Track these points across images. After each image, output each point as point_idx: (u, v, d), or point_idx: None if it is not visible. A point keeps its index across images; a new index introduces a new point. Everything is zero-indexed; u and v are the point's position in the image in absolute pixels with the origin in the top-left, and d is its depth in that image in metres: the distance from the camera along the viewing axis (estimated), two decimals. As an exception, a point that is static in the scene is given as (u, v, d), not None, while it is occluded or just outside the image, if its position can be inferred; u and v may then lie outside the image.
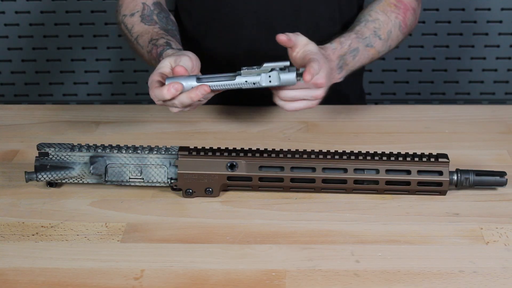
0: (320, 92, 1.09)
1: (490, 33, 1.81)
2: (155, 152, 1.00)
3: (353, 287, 0.83)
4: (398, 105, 1.31)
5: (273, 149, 1.00)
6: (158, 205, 0.99)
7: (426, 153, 1.00)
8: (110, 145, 1.00)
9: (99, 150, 1.00)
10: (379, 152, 1.00)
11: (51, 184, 1.02)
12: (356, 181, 0.99)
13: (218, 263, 0.87)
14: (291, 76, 1.04)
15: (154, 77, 1.05)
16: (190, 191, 1.00)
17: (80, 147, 1.00)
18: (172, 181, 1.00)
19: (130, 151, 1.00)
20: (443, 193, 1.00)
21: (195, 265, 0.87)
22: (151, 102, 1.24)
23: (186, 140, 1.17)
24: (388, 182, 0.99)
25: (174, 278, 0.85)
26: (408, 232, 0.93)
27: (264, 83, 1.05)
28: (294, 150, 1.00)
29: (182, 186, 0.99)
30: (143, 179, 1.00)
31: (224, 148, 1.00)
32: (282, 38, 1.08)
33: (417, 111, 1.29)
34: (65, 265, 0.87)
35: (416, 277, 0.84)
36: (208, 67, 1.37)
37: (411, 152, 1.00)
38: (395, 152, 1.00)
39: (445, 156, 0.99)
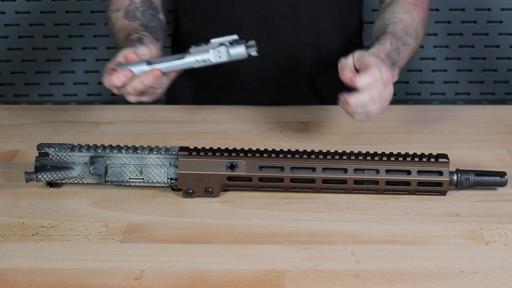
0: (392, 88, 1.05)
1: (490, 33, 1.81)
2: (155, 152, 1.00)
3: (353, 287, 0.83)
4: (398, 105, 1.31)
5: (273, 149, 1.00)
6: (158, 205, 0.99)
7: (426, 153, 1.00)
8: (110, 145, 1.00)
9: (99, 150, 1.00)
10: (379, 152, 1.00)
11: (51, 184, 1.02)
12: (356, 181, 0.99)
13: (218, 263, 0.87)
14: (240, 49, 1.03)
15: (109, 65, 1.05)
16: (190, 191, 1.00)
17: (80, 147, 1.00)
18: (172, 181, 1.00)
19: (130, 151, 1.00)
20: (443, 193, 1.00)
21: (195, 265, 0.87)
22: (151, 102, 1.24)
23: (186, 140, 1.17)
24: (388, 182, 0.99)
25: (174, 278, 0.85)
26: (408, 232, 0.93)
27: (214, 60, 1.04)
28: (294, 150, 1.00)
29: (182, 186, 0.99)
30: (143, 179, 1.00)
31: (224, 148, 1.00)
32: (347, 76, 1.04)
33: (417, 111, 1.28)
34: (65, 265, 0.87)
35: (416, 277, 0.84)
36: (207, 68, 1.37)
37: (411, 152, 1.00)
38: (395, 152, 1.00)
39: (445, 156, 0.99)
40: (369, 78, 1.02)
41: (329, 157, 0.99)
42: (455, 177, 1.00)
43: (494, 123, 1.23)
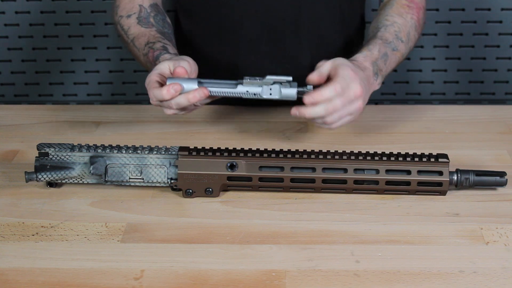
0: (359, 104, 1.07)
1: (490, 33, 1.81)
2: (155, 152, 1.00)
3: (353, 287, 0.83)
4: (398, 105, 1.31)
5: (273, 149, 1.00)
6: (158, 205, 0.99)
7: (426, 153, 1.00)
8: (110, 145, 1.00)
9: (99, 150, 1.00)
10: (379, 152, 1.00)
11: (51, 184, 1.02)
12: (356, 181, 0.99)
13: (218, 263, 0.87)
14: (292, 91, 1.05)
15: (153, 77, 1.05)
16: (190, 191, 1.00)
17: (80, 147, 1.00)
18: (172, 181, 1.00)
19: (130, 151, 1.00)
20: (443, 193, 1.00)
21: (195, 265, 0.87)
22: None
23: (186, 140, 1.17)
24: (388, 182, 0.99)
25: (174, 278, 0.85)
26: (408, 232, 0.93)
27: (265, 95, 1.06)
28: (294, 150, 1.00)
29: (182, 186, 0.99)
30: (143, 179, 1.00)
31: (224, 148, 1.00)
32: (313, 78, 1.07)
33: (417, 111, 1.28)
34: (65, 265, 0.87)
35: (416, 277, 0.84)
36: (208, 69, 1.37)
37: (411, 152, 1.00)
38: (395, 152, 1.00)
39: (445, 156, 0.99)
40: (329, 92, 1.03)
41: (329, 157, 0.99)
42: (455, 177, 1.00)
43: (494, 123, 1.23)
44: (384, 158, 0.99)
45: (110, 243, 0.91)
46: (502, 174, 1.01)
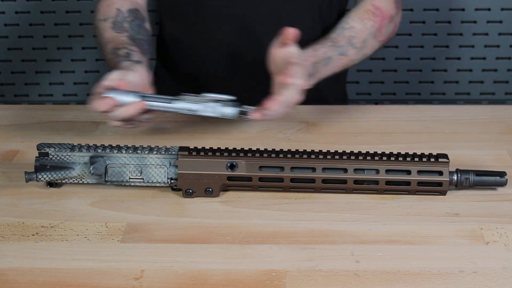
0: (300, 96, 1.08)
1: (490, 33, 1.81)
2: (155, 152, 1.00)
3: (353, 287, 0.83)
4: (398, 105, 1.31)
5: (273, 149, 1.00)
6: (158, 205, 0.99)
7: (426, 153, 1.00)
8: (110, 145, 1.00)
9: (99, 150, 1.00)
10: (379, 152, 1.00)
11: (51, 184, 1.02)
12: (356, 181, 0.99)
13: (218, 263, 0.87)
14: (232, 111, 1.07)
15: (97, 89, 1.06)
16: (190, 191, 1.00)
17: (80, 147, 1.00)
18: (172, 181, 1.00)
19: (130, 151, 1.00)
20: (443, 193, 1.00)
21: (195, 265, 0.87)
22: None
23: (186, 140, 1.17)
24: (388, 182, 0.99)
25: (174, 278, 0.85)
26: (408, 232, 0.93)
27: (203, 113, 1.06)
28: (294, 150, 1.00)
29: (182, 186, 0.99)
30: (143, 179, 1.00)
31: (224, 148, 1.00)
32: (292, 31, 1.08)
33: (417, 111, 1.28)
34: (65, 265, 0.87)
35: (416, 277, 0.84)
36: (191, 71, 1.37)
37: (411, 152, 1.00)
38: (395, 152, 1.00)
39: (445, 156, 0.99)
40: (276, 107, 1.06)
41: (329, 157, 0.99)
42: (455, 177, 1.00)
43: (494, 123, 1.23)
44: (384, 158, 0.99)
45: (110, 243, 0.91)
46: (502, 174, 1.01)
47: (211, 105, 1.06)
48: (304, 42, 1.21)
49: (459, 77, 1.86)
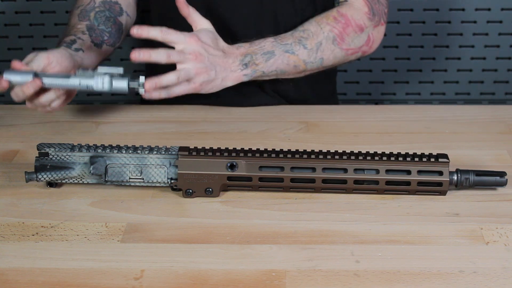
0: (191, 67, 1.12)
1: (490, 33, 1.81)
2: (155, 152, 1.00)
3: (353, 287, 0.83)
4: (398, 105, 1.31)
5: (273, 149, 1.00)
6: (158, 205, 0.99)
7: (426, 153, 1.00)
8: (110, 145, 1.00)
9: (99, 150, 1.00)
10: (379, 152, 1.00)
11: (51, 184, 1.02)
12: (356, 181, 0.99)
13: (218, 263, 0.87)
14: (123, 84, 1.08)
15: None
16: (190, 191, 1.00)
17: (80, 147, 1.00)
18: (172, 181, 1.00)
19: (130, 151, 1.00)
20: (443, 193, 1.00)
21: (195, 265, 0.87)
22: (151, 102, 1.24)
23: (186, 140, 1.17)
24: (388, 182, 0.99)
25: (174, 278, 0.85)
26: (408, 232, 0.93)
27: (96, 87, 1.08)
28: (294, 150, 1.00)
29: (182, 186, 0.99)
30: (143, 179, 1.00)
31: (224, 148, 1.00)
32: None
33: (417, 111, 1.29)
34: (65, 265, 0.87)
35: (416, 277, 0.84)
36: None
37: (411, 152, 1.00)
38: (395, 152, 1.00)
39: (445, 156, 0.99)
40: (170, 79, 1.12)
41: (329, 157, 0.99)
42: (455, 177, 1.00)
43: (494, 123, 1.23)
44: (384, 158, 0.99)
45: (110, 243, 0.91)
46: (502, 174, 1.01)
47: (104, 79, 1.08)
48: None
49: (459, 77, 1.86)
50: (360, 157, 0.99)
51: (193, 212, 0.98)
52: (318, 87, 1.42)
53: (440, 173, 0.99)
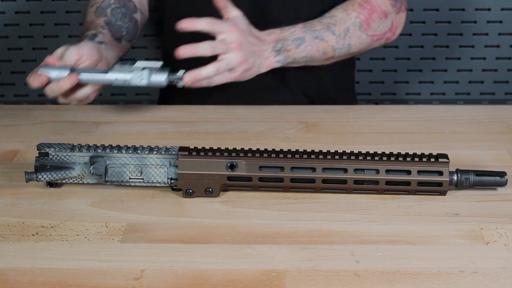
0: (234, 57, 1.12)
1: (490, 33, 1.81)
2: (155, 152, 1.00)
3: (353, 287, 0.83)
4: (398, 105, 1.31)
5: (273, 149, 1.00)
6: (158, 205, 0.99)
7: (426, 153, 1.00)
8: (110, 145, 1.00)
9: (99, 150, 1.00)
10: (379, 152, 1.00)
11: (51, 184, 1.02)
12: (356, 181, 0.99)
13: (218, 263, 0.87)
14: (161, 77, 1.08)
15: (41, 64, 1.10)
16: (190, 191, 1.00)
17: (80, 147, 1.00)
18: (172, 181, 1.00)
19: (130, 151, 1.00)
20: (443, 193, 1.00)
21: (195, 265, 0.87)
22: (151, 102, 1.24)
23: (186, 140, 1.17)
24: (388, 182, 0.99)
25: (174, 278, 0.85)
26: (408, 232, 0.93)
27: (135, 81, 1.07)
28: (294, 150, 1.00)
29: (182, 186, 0.99)
30: (143, 179, 1.00)
31: (224, 148, 1.00)
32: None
33: (417, 111, 1.29)
34: (65, 265, 0.87)
35: (416, 277, 0.84)
36: (187, 66, 1.36)
37: (411, 152, 1.00)
38: (395, 152, 1.00)
39: (445, 156, 0.99)
40: (210, 70, 1.11)
41: (329, 157, 0.99)
42: (455, 177, 1.00)
43: (494, 123, 1.23)
44: (384, 158, 0.99)
45: (110, 243, 0.91)
46: (502, 174, 1.01)
47: (143, 73, 1.07)
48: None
49: (459, 77, 1.86)
50: (360, 157, 0.99)
51: (193, 212, 0.98)
52: (339, 79, 1.43)
53: (440, 173, 0.99)
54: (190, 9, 1.34)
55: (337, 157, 0.99)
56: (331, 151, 1.00)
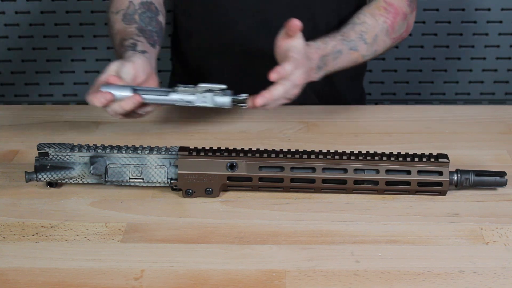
0: (297, 91, 1.09)
1: (490, 33, 1.81)
2: (155, 152, 1.00)
3: (353, 287, 0.83)
4: (398, 105, 1.31)
5: (273, 149, 1.00)
6: (158, 205, 0.99)
7: (426, 153, 1.00)
8: (110, 145, 1.00)
9: (99, 150, 1.00)
10: (379, 152, 1.00)
11: (51, 184, 1.02)
12: (356, 181, 0.99)
13: (218, 263, 0.87)
14: (226, 100, 1.06)
15: (96, 84, 1.07)
16: (190, 191, 1.00)
17: (80, 147, 1.00)
18: (172, 181, 1.00)
19: (130, 151, 1.00)
20: (443, 193, 1.00)
21: (195, 265, 0.87)
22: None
23: (186, 140, 1.17)
24: (388, 182, 0.99)
25: (174, 278, 0.85)
26: (408, 232, 0.93)
27: (198, 103, 1.06)
28: (294, 150, 1.00)
29: (182, 186, 0.99)
30: (143, 179, 1.00)
31: (224, 148, 1.00)
32: (296, 23, 1.08)
33: (417, 111, 1.28)
34: (65, 265, 0.87)
35: (416, 277, 0.84)
36: (206, 67, 1.37)
37: (411, 152, 1.00)
38: (395, 152, 1.00)
39: (445, 156, 0.99)
40: (279, 91, 1.06)
41: (329, 157, 0.99)
42: (455, 177, 1.00)
43: (494, 123, 1.23)
44: (384, 158, 0.99)
45: (110, 243, 0.91)
46: (502, 174, 1.01)
47: (206, 95, 1.06)
48: (320, 36, 1.22)
49: (459, 77, 1.87)
50: (360, 157, 0.99)
51: (193, 212, 0.98)
52: (352, 83, 1.43)
53: (440, 173, 0.99)
54: (205, 5, 1.34)
55: (337, 157, 0.99)
56: (331, 151, 1.00)
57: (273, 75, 1.04)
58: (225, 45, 1.36)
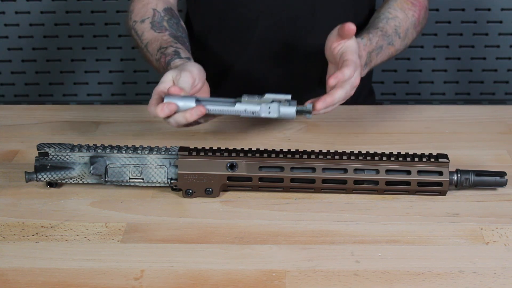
0: (353, 91, 1.09)
1: (490, 33, 1.81)
2: (155, 152, 1.00)
3: (353, 287, 0.83)
4: (398, 105, 1.31)
5: (273, 149, 1.00)
6: (158, 205, 0.99)
7: (426, 153, 1.00)
8: (110, 145, 1.00)
9: (99, 150, 1.00)
10: (379, 152, 1.00)
11: (51, 184, 1.02)
12: (356, 181, 0.99)
13: (218, 263, 0.87)
14: (291, 110, 1.03)
15: (155, 94, 1.04)
16: (190, 191, 1.00)
17: (80, 147, 1.00)
18: (172, 181, 1.00)
19: (130, 151, 1.00)
20: (443, 193, 1.00)
21: (195, 265, 0.87)
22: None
23: (186, 140, 1.17)
24: (388, 182, 0.99)
25: (174, 278, 0.85)
26: (408, 232, 0.93)
27: (263, 114, 1.04)
28: (294, 150, 1.00)
29: (182, 186, 0.99)
30: (143, 179, 1.00)
31: (224, 148, 1.00)
32: (351, 27, 1.07)
33: (417, 111, 1.28)
34: (65, 265, 0.87)
35: (416, 277, 0.84)
36: (219, 70, 1.36)
37: (411, 152, 1.00)
38: (395, 152, 1.00)
39: (445, 156, 0.99)
40: (340, 95, 1.05)
41: (329, 157, 0.99)
42: (455, 177, 1.00)
43: (494, 123, 1.23)
44: (384, 158, 0.99)
45: (110, 243, 0.91)
46: (502, 174, 1.01)
47: (271, 106, 1.04)
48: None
49: (459, 77, 1.87)
50: (360, 157, 0.99)
51: (193, 212, 0.98)
52: (362, 79, 1.43)
53: (440, 173, 0.99)
54: (222, 6, 1.34)
55: (337, 157, 0.99)
56: (331, 151, 1.00)
57: (332, 81, 1.03)
58: (240, 48, 1.35)
